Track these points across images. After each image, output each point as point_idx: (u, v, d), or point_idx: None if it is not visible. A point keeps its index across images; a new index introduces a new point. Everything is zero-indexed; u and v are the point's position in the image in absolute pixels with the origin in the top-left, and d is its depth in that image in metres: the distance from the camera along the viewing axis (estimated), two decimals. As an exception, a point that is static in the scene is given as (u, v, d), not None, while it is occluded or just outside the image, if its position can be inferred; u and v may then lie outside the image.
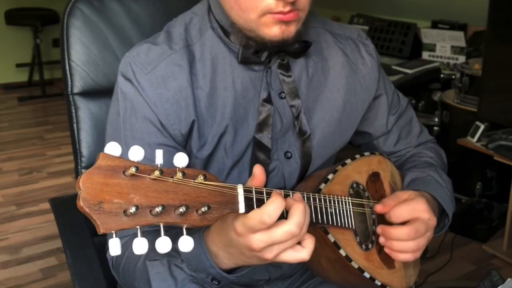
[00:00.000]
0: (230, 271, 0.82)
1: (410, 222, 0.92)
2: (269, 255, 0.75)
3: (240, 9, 0.86)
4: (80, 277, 1.06)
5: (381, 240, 0.93)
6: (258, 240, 0.73)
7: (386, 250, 0.93)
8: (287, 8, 0.84)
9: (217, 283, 0.83)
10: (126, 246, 0.89)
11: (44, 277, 2.34)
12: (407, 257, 0.92)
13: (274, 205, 0.72)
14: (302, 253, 0.77)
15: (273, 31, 0.86)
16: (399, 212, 0.92)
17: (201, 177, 0.68)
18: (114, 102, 0.97)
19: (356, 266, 0.89)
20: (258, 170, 0.77)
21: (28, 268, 2.40)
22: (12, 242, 2.60)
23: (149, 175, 0.64)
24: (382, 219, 0.96)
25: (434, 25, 3.36)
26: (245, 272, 0.83)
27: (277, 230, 0.73)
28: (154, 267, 0.86)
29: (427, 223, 0.92)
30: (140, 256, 0.90)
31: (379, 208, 0.94)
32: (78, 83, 1.17)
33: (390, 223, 0.94)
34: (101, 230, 0.61)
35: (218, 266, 0.81)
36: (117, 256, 0.97)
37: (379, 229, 0.93)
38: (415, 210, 0.92)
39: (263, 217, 0.71)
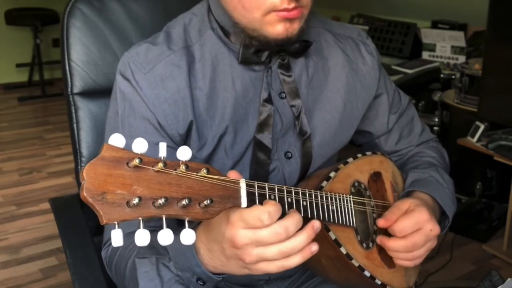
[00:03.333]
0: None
1: (410, 234, 0.92)
2: (248, 257, 0.73)
3: (243, 8, 0.86)
4: (80, 277, 1.06)
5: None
6: (243, 235, 0.72)
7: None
8: (292, 5, 0.84)
9: (202, 283, 0.82)
10: None
11: (44, 277, 2.34)
12: (405, 264, 0.94)
13: (275, 207, 0.72)
14: (288, 261, 0.74)
15: (277, 29, 0.86)
16: (403, 227, 0.92)
17: (204, 171, 0.68)
18: (112, 101, 0.97)
19: (356, 265, 0.89)
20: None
21: (28, 268, 2.40)
22: (12, 242, 2.60)
23: (152, 167, 0.65)
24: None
25: (434, 25, 3.36)
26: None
27: (263, 229, 0.72)
28: (143, 266, 0.85)
29: (428, 234, 0.92)
30: (131, 255, 0.90)
31: (381, 223, 0.93)
32: (78, 83, 1.17)
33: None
34: (103, 221, 0.61)
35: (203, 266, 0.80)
36: (110, 254, 0.97)
37: (379, 239, 0.94)
38: (418, 222, 0.92)
39: (262, 215, 0.71)
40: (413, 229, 0.92)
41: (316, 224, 0.76)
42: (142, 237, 0.63)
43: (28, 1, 4.78)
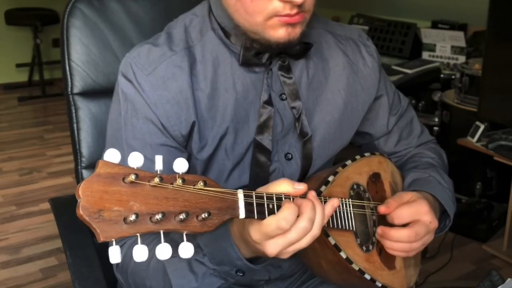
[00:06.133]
0: (252, 260, 0.84)
1: (411, 225, 0.92)
2: (286, 255, 0.77)
3: (246, 12, 0.86)
4: (80, 277, 1.06)
5: (378, 237, 0.94)
6: (273, 246, 0.75)
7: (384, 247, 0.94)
8: (294, 11, 0.84)
9: (241, 274, 0.84)
10: (134, 245, 0.89)
11: (44, 277, 2.34)
12: (401, 254, 0.95)
13: (289, 210, 0.73)
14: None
15: (279, 33, 0.86)
16: (401, 214, 0.92)
17: (201, 183, 0.68)
18: (114, 102, 0.96)
19: (356, 268, 0.89)
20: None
21: (28, 268, 2.40)
22: (12, 242, 2.60)
23: (148, 182, 0.64)
24: (383, 220, 0.96)
25: (434, 25, 3.36)
26: (267, 263, 0.84)
27: (292, 231, 0.74)
28: (172, 264, 0.86)
29: (428, 226, 0.93)
30: (153, 255, 0.89)
31: (382, 209, 0.94)
32: (78, 83, 1.17)
33: (390, 224, 0.94)
34: (101, 239, 0.61)
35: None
36: (124, 258, 0.96)
37: (380, 230, 0.93)
38: (417, 212, 0.92)
39: (281, 223, 0.73)
40: (410, 218, 0.92)
41: (313, 194, 0.79)
42: (140, 253, 0.63)
43: (28, 1, 4.78)
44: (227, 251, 0.81)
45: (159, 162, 0.66)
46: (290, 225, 0.74)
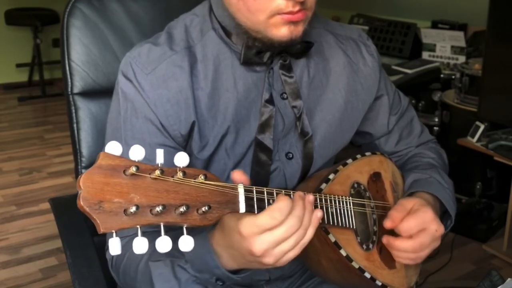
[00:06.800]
0: (234, 271, 0.82)
1: (417, 234, 0.93)
2: (270, 259, 0.75)
3: (248, 11, 0.86)
4: (80, 277, 1.06)
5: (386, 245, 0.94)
6: (260, 242, 0.73)
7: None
8: (297, 8, 0.84)
9: (221, 283, 0.83)
10: (127, 246, 0.89)
11: (44, 277, 2.34)
12: (409, 263, 0.95)
13: (284, 202, 0.74)
14: (305, 239, 0.78)
15: (281, 31, 0.86)
16: (408, 226, 0.93)
17: (202, 177, 0.68)
18: (114, 101, 0.96)
19: (356, 266, 0.89)
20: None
21: (28, 268, 2.40)
22: (12, 242, 2.60)
23: (149, 174, 0.64)
24: (383, 219, 0.96)
25: (434, 25, 3.36)
26: (248, 273, 0.83)
27: (280, 227, 0.74)
28: (157, 268, 0.85)
29: (434, 234, 0.93)
30: (142, 256, 0.89)
31: (388, 224, 0.94)
32: (78, 83, 1.17)
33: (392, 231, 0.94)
34: (101, 230, 0.61)
35: (223, 266, 0.81)
36: (117, 257, 0.96)
37: (385, 239, 0.94)
38: (424, 222, 0.93)
39: (275, 213, 0.73)
40: (418, 229, 0.92)
41: (310, 198, 0.79)
42: (140, 245, 0.63)
43: (28, 1, 4.77)
44: (204, 259, 0.81)
45: (160, 156, 0.66)
46: (285, 216, 0.73)
